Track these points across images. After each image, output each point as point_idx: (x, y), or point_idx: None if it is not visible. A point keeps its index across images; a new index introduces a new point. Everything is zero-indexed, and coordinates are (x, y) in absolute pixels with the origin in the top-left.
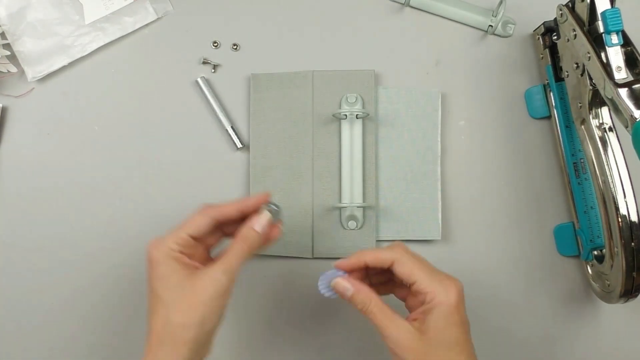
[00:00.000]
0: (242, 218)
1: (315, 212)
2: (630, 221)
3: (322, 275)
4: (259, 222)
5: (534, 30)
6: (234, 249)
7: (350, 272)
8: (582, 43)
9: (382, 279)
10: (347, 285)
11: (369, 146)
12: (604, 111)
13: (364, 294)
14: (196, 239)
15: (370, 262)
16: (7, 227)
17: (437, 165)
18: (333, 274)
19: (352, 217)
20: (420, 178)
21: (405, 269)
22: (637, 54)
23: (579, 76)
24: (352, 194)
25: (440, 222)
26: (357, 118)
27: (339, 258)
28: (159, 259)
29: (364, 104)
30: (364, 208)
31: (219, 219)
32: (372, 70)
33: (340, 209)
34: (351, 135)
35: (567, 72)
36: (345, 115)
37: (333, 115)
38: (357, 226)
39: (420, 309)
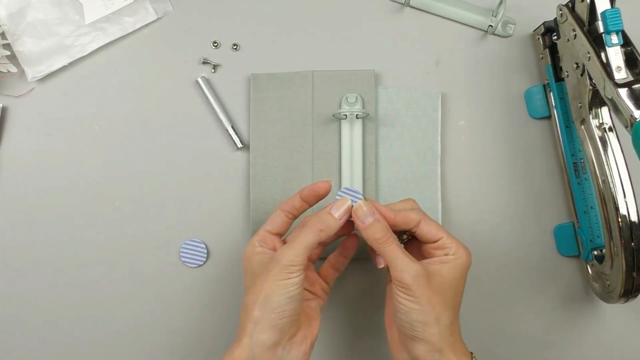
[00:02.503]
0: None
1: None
2: (630, 221)
3: (341, 191)
4: (336, 206)
5: (534, 30)
6: (303, 231)
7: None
8: (582, 43)
9: None
10: (368, 212)
11: (369, 146)
12: (604, 111)
13: (385, 225)
14: (277, 233)
15: (401, 222)
16: (7, 227)
17: (437, 165)
18: (353, 194)
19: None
20: (420, 178)
21: (432, 227)
22: (637, 54)
23: (579, 76)
24: None
25: (440, 222)
26: (357, 118)
27: None
28: (247, 256)
29: (364, 104)
30: None
31: (288, 210)
32: (372, 70)
33: None
34: (351, 135)
35: (567, 72)
36: (345, 115)
37: (333, 115)
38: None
39: (436, 259)
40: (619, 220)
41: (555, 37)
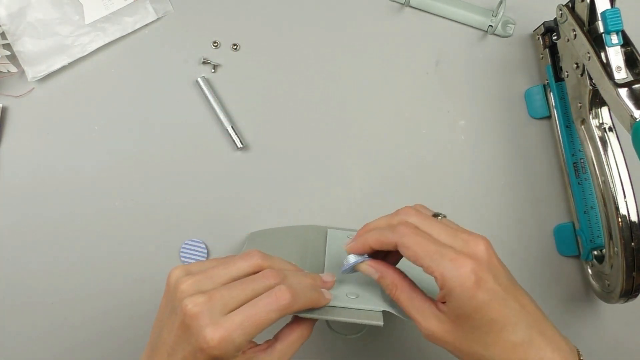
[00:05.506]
0: None
1: None
2: (630, 221)
3: (345, 262)
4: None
5: (534, 30)
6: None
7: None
8: (582, 43)
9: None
10: (371, 270)
11: None
12: (604, 111)
13: (390, 279)
14: None
15: (375, 246)
16: (6, 227)
17: None
18: (355, 260)
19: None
20: None
21: (410, 252)
22: (637, 54)
23: (579, 76)
24: None
25: None
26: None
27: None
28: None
29: None
30: None
31: None
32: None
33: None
34: None
35: (567, 72)
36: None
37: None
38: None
39: (441, 292)
40: (619, 220)
41: (555, 37)
